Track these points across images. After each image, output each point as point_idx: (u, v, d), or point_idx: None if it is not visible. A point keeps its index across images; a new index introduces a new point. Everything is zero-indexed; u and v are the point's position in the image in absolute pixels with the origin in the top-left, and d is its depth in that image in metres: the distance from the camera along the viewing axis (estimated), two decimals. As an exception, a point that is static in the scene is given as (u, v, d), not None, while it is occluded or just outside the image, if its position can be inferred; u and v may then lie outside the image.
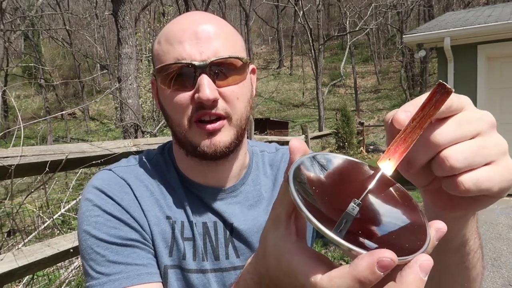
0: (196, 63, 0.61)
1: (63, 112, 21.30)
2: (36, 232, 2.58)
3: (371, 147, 14.30)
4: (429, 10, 22.09)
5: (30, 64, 20.24)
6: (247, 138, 0.79)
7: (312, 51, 16.89)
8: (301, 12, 16.35)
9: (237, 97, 0.65)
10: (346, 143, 9.89)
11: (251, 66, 0.72)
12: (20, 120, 1.97)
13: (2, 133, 2.74)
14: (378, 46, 29.21)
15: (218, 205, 0.70)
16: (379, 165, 0.35)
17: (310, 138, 6.74)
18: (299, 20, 18.99)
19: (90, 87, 28.89)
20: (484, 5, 15.52)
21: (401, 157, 0.35)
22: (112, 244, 0.60)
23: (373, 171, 0.37)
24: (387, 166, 0.35)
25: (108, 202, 0.63)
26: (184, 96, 0.62)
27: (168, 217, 0.66)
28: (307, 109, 25.64)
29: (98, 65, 26.44)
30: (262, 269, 0.39)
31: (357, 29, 19.39)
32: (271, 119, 19.12)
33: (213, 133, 0.63)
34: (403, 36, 7.07)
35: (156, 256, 0.64)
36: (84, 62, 26.09)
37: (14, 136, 2.19)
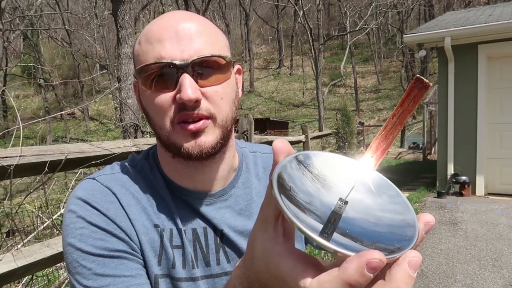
0: (177, 62, 0.59)
1: (63, 112, 21.27)
2: (35, 232, 2.57)
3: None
4: (429, 10, 22.09)
5: (29, 64, 20.20)
6: (247, 139, 0.77)
7: (312, 51, 16.88)
8: (301, 12, 16.33)
9: (221, 97, 0.62)
10: (346, 143, 9.88)
11: (237, 66, 0.70)
12: (19, 120, 1.96)
13: (1, 133, 2.73)
14: (378, 46, 29.22)
15: (208, 210, 0.68)
16: (362, 163, 0.36)
17: (310, 138, 6.73)
18: (299, 20, 18.98)
19: (89, 87, 28.90)
20: (485, 5, 15.52)
21: (383, 154, 0.35)
22: (98, 256, 0.58)
23: (358, 168, 0.37)
24: (370, 163, 0.35)
25: (93, 213, 0.60)
26: (166, 97, 0.60)
27: (156, 225, 0.64)
28: (307, 109, 25.63)
29: (98, 65, 26.44)
30: (251, 273, 0.39)
31: (357, 29, 19.39)
32: (271, 119, 19.14)
33: (197, 133, 0.61)
34: (404, 35, 7.07)
35: (146, 265, 0.62)
36: (83, 62, 26.07)
37: (13, 136, 2.18)
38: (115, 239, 0.60)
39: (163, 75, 0.60)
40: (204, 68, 0.61)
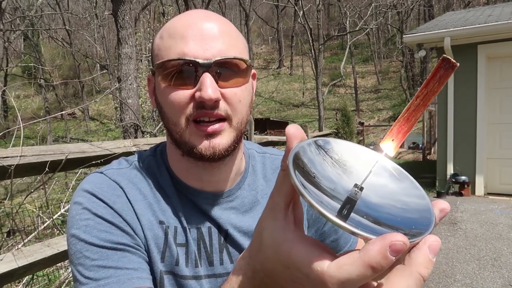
0: (200, 60, 0.59)
1: (63, 112, 21.27)
2: (36, 232, 2.58)
3: (371, 147, 14.25)
4: (429, 10, 22.08)
5: (29, 64, 20.21)
6: (247, 139, 0.77)
7: (312, 51, 16.87)
8: (301, 12, 16.33)
9: (239, 99, 0.63)
10: (346, 143, 9.88)
11: (252, 71, 0.70)
12: (20, 120, 1.97)
13: (1, 133, 2.74)
14: (378, 46, 29.19)
15: (213, 210, 0.68)
16: (381, 147, 0.34)
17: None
18: (299, 20, 18.98)
19: (90, 87, 28.87)
20: (484, 5, 15.52)
21: (404, 137, 0.34)
22: (102, 248, 0.58)
23: (375, 154, 0.36)
24: (390, 147, 0.34)
25: (100, 205, 0.60)
26: (184, 94, 0.60)
27: (161, 222, 0.64)
28: (307, 109, 25.61)
29: (98, 65, 26.43)
30: (257, 263, 0.38)
31: (357, 29, 19.37)
32: (271, 119, 19.12)
33: (212, 134, 0.61)
34: (403, 36, 7.07)
35: (150, 261, 0.63)
36: (84, 62, 26.06)
37: (14, 136, 2.19)
38: (120, 232, 0.60)
39: (184, 72, 0.60)
40: (225, 69, 0.61)
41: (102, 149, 1.71)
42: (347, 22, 19.60)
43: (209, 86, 0.58)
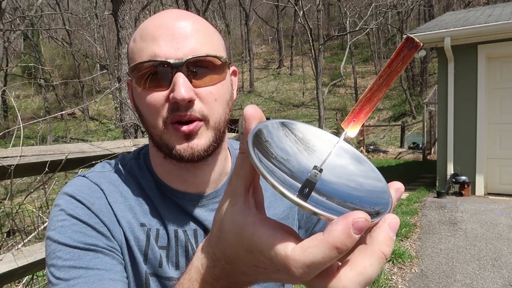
0: (171, 61, 0.58)
1: (63, 112, 21.27)
2: (35, 232, 2.57)
3: (371, 147, 14.33)
4: (429, 10, 22.09)
5: (29, 64, 20.18)
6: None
7: (312, 51, 16.85)
8: (301, 12, 16.31)
9: (214, 98, 0.62)
10: (346, 143, 9.89)
11: (232, 68, 0.69)
12: (20, 120, 1.97)
13: (2, 133, 2.74)
14: (378, 46, 29.17)
15: (199, 212, 0.67)
16: (343, 128, 0.34)
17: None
18: (299, 20, 18.96)
19: (89, 87, 28.88)
20: (485, 5, 15.52)
21: (366, 117, 0.34)
22: (74, 248, 0.57)
23: (335, 136, 0.37)
24: (352, 128, 0.34)
25: (77, 206, 0.60)
26: (159, 96, 0.59)
27: (142, 224, 0.64)
28: (307, 109, 25.61)
29: (98, 65, 26.42)
30: (217, 250, 0.37)
31: (357, 29, 19.35)
32: (271, 119, 19.12)
33: (190, 135, 0.60)
34: (403, 36, 7.07)
35: (135, 262, 0.62)
36: (84, 62, 26.06)
37: (14, 136, 2.19)
38: (95, 233, 0.59)
39: (157, 73, 0.59)
40: (199, 68, 0.60)
41: (102, 149, 1.71)
42: (347, 22, 19.58)
43: (181, 86, 0.57)
